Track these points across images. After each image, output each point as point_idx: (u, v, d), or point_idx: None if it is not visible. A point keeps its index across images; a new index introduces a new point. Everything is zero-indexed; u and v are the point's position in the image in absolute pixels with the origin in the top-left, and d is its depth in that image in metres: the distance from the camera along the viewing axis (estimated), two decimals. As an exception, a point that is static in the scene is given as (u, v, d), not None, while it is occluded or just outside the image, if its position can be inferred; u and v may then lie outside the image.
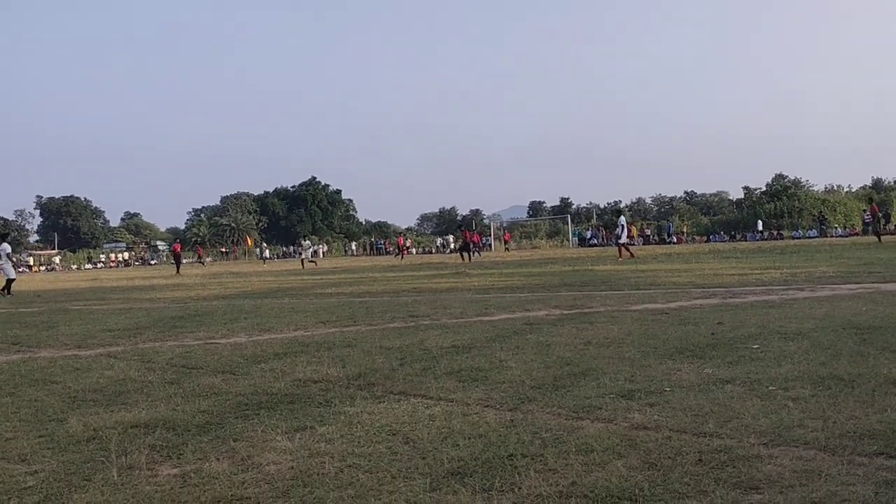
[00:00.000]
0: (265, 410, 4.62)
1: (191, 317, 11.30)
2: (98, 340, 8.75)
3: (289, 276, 27.45)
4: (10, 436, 4.31)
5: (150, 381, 5.85)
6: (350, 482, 3.21)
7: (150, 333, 9.20)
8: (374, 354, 6.56)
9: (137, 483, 3.34)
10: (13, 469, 3.65)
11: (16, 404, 5.21)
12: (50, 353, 7.87)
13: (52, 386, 5.85)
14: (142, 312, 12.72)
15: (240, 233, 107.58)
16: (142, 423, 4.42)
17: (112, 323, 10.89)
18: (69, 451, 3.93)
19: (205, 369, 6.28)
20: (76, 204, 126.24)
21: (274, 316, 10.78)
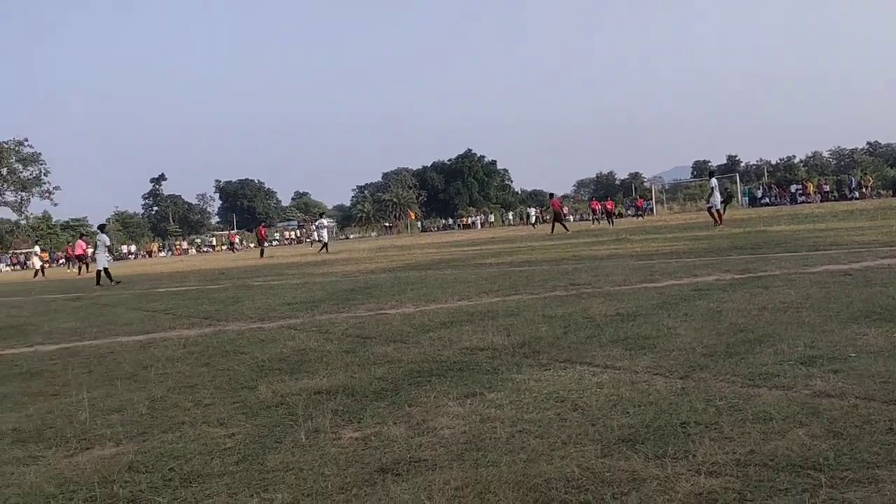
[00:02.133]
0: (436, 377, 4.79)
1: (361, 289, 11.82)
2: (279, 313, 9.37)
3: (450, 247, 28.00)
4: (208, 402, 4.74)
5: (328, 350, 6.22)
6: (521, 447, 3.28)
7: (326, 306, 9.73)
8: (537, 323, 6.61)
9: (323, 445, 3.59)
10: (213, 432, 4.02)
11: (211, 373, 5.70)
12: (237, 326, 8.52)
13: (241, 356, 6.35)
14: (316, 286, 13.46)
15: (401, 207, 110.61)
16: (324, 389, 4.71)
17: (290, 297, 11.60)
18: (260, 415, 4.27)
19: (377, 339, 6.58)
20: (251, 186, 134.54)
21: (438, 287, 11.06)
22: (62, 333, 9.32)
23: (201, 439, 3.87)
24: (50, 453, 3.89)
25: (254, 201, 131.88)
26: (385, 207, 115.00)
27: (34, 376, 6.28)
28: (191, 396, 4.91)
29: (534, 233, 33.71)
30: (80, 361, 6.84)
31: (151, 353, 6.90)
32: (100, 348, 7.64)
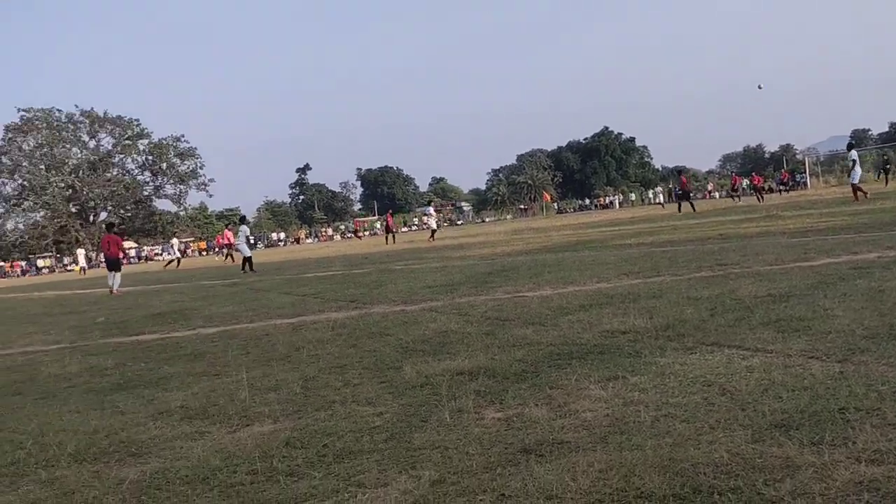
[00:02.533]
0: (576, 360, 4.76)
1: (498, 272, 11.90)
2: (420, 296, 9.60)
3: (587, 229, 27.61)
4: (357, 382, 4.94)
5: (468, 332, 6.32)
6: (667, 431, 3.22)
7: (465, 289, 9.87)
8: (681, 305, 6.42)
9: (467, 425, 3.66)
10: (362, 410, 4.19)
11: (359, 354, 5.93)
12: (381, 308, 8.80)
13: (386, 338, 6.57)
14: (455, 269, 13.67)
15: (536, 189, 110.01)
16: (466, 370, 4.80)
17: (430, 280, 11.85)
18: (406, 395, 4.41)
19: (516, 321, 6.62)
20: (390, 173, 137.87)
21: (576, 269, 10.96)
22: (221, 317, 9.96)
23: (351, 417, 4.05)
24: (214, 429, 4.19)
25: (393, 188, 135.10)
26: (520, 190, 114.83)
27: (198, 357, 6.76)
28: (340, 376, 5.13)
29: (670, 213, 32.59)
30: (239, 343, 7.29)
31: (303, 336, 7.25)
32: (256, 331, 8.12)
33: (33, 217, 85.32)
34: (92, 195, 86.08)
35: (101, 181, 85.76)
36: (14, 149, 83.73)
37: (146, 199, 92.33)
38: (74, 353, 7.93)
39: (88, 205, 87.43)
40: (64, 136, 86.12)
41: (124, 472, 3.55)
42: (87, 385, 5.96)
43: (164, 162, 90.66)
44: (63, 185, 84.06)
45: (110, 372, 6.46)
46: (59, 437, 4.29)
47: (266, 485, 3.17)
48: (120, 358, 7.20)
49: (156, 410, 4.76)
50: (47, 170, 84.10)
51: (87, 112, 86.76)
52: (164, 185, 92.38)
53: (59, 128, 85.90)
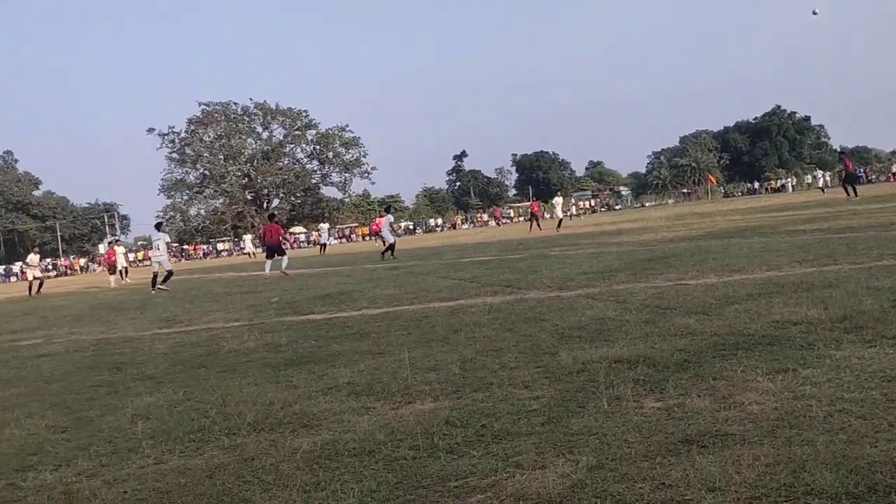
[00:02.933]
0: (742, 351, 4.58)
1: (659, 259, 11.58)
2: (576, 283, 9.53)
3: (756, 213, 26.23)
4: (513, 365, 5.00)
5: (627, 320, 6.22)
6: (841, 427, 3.05)
7: (622, 276, 9.69)
8: (860, 295, 5.99)
9: (625, 413, 3.63)
10: (519, 394, 4.24)
11: (514, 338, 5.99)
12: (537, 294, 8.82)
13: (542, 323, 6.59)
14: (612, 256, 13.44)
15: (701, 172, 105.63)
16: (624, 358, 4.74)
17: (587, 266, 11.73)
18: (562, 380, 4.42)
19: (678, 310, 6.43)
20: (546, 158, 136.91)
21: (744, 256, 10.47)
22: (384, 299, 10.36)
23: (509, 400, 4.12)
24: (379, 405, 4.39)
25: (549, 173, 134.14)
26: (683, 173, 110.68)
27: (363, 337, 7.07)
28: (497, 359, 5.22)
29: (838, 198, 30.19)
30: (400, 324, 7.56)
31: (460, 318, 7.42)
32: (416, 313, 8.38)
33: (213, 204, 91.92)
34: (265, 183, 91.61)
35: (274, 170, 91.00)
36: (196, 140, 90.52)
37: (314, 186, 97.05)
38: (252, 330, 8.53)
39: (262, 192, 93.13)
40: (240, 128, 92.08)
41: (298, 441, 3.81)
42: (264, 360, 6.41)
43: (331, 151, 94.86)
44: (239, 174, 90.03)
45: (284, 348, 6.90)
46: (239, 408, 4.65)
47: (428, 461, 3.30)
48: (292, 335, 7.67)
49: (325, 385, 5.04)
50: (225, 160, 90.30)
51: (260, 105, 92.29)
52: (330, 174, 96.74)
53: (236, 120, 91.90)
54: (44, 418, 5.04)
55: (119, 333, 9.91)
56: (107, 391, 5.83)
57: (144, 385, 5.87)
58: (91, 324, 11.83)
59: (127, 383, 6.04)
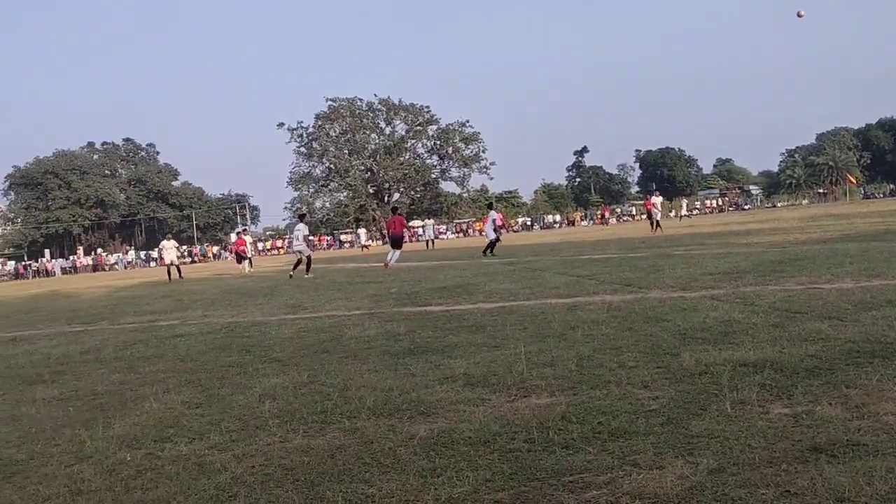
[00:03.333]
0: (879, 359, 4.33)
1: (790, 261, 11.05)
2: (700, 283, 9.24)
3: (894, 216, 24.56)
4: (632, 364, 4.92)
5: (754, 323, 5.98)
6: None
7: (750, 277, 9.32)
8: None
9: (749, 417, 3.51)
10: (638, 393, 4.18)
11: (634, 338, 5.89)
12: (658, 293, 8.62)
13: (663, 323, 6.43)
14: (740, 257, 12.93)
15: (838, 171, 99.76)
16: (749, 362, 4.57)
17: (712, 267, 11.34)
18: (683, 382, 4.31)
19: (809, 314, 6.14)
20: (671, 154, 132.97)
21: (884, 260, 9.85)
22: (500, 293, 10.39)
23: (626, 399, 4.06)
24: (494, 397, 4.43)
25: (674, 170, 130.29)
26: (818, 172, 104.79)
27: (479, 329, 7.13)
28: (616, 358, 5.15)
29: None
30: (516, 319, 7.57)
31: (578, 315, 7.35)
32: (532, 308, 8.36)
33: (338, 197, 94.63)
34: (387, 177, 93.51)
35: (395, 164, 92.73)
36: (323, 135, 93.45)
37: (433, 181, 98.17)
38: (372, 318, 8.77)
39: (384, 186, 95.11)
40: (364, 124, 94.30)
41: (415, 428, 3.90)
42: (383, 348, 6.58)
43: (451, 146, 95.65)
44: (363, 168, 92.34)
45: (402, 337, 7.06)
46: (359, 392, 4.80)
47: (542, 454, 3.31)
48: (410, 326, 7.83)
49: (442, 375, 5.13)
50: (350, 154, 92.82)
51: (384, 101, 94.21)
52: (449, 169, 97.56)
53: (360, 115, 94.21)
54: (180, 394, 5.38)
55: (248, 318, 10.41)
56: (237, 371, 6.15)
57: (271, 367, 6.16)
58: (223, 308, 12.47)
59: (255, 365, 6.36)
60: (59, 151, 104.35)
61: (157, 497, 3.28)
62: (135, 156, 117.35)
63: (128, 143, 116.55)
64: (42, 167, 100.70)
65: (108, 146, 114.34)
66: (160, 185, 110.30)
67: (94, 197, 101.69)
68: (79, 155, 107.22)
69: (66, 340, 9.68)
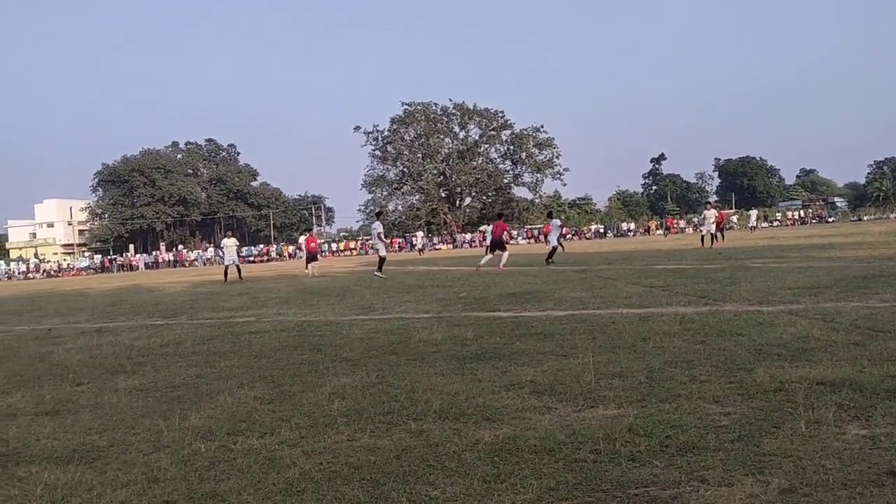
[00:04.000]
0: (969, 384, 4.13)
1: (875, 277, 10.63)
2: (778, 297, 8.98)
3: None
4: (704, 378, 4.82)
5: (833, 340, 5.79)
6: None
7: (832, 293, 9.00)
8: None
9: (825, 437, 3.40)
10: (709, 408, 4.09)
11: (707, 351, 5.76)
12: (733, 307, 8.41)
13: (737, 337, 6.28)
14: (821, 271, 12.50)
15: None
16: (827, 380, 4.43)
17: (791, 281, 11.00)
18: (757, 398, 4.21)
19: (892, 333, 5.90)
20: (752, 164, 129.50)
21: (977, 279, 9.37)
22: (570, 301, 10.31)
23: (696, 413, 3.99)
24: (561, 406, 4.40)
25: (754, 180, 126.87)
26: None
27: (547, 337, 7.10)
28: (687, 371, 5.05)
29: None
30: (586, 328, 7.51)
31: (649, 327, 7.23)
32: (602, 318, 8.27)
33: (410, 200, 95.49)
34: (459, 182, 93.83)
35: (468, 169, 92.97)
36: (398, 139, 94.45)
37: (506, 186, 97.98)
38: (440, 322, 8.82)
39: (456, 190, 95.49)
40: (438, 128, 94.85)
41: (480, 433, 3.92)
42: (450, 352, 6.61)
43: (524, 151, 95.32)
44: (435, 172, 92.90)
45: (469, 342, 7.08)
46: (426, 395, 4.85)
47: (608, 465, 3.28)
48: (478, 331, 7.85)
49: (508, 382, 5.13)
50: (423, 158, 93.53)
51: (459, 105, 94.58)
52: (522, 174, 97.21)
53: (435, 120, 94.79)
54: (252, 389, 5.53)
55: (321, 317, 10.60)
56: (308, 369, 6.28)
57: (341, 366, 6.27)
58: (296, 307, 12.74)
59: (326, 363, 6.48)
60: (145, 150, 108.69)
61: (228, 488, 3.39)
62: (216, 156, 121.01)
63: (210, 143, 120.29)
64: (129, 165, 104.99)
65: (191, 146, 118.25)
66: (239, 185, 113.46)
67: (176, 195, 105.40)
68: (163, 154, 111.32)
69: (147, 333, 10.05)
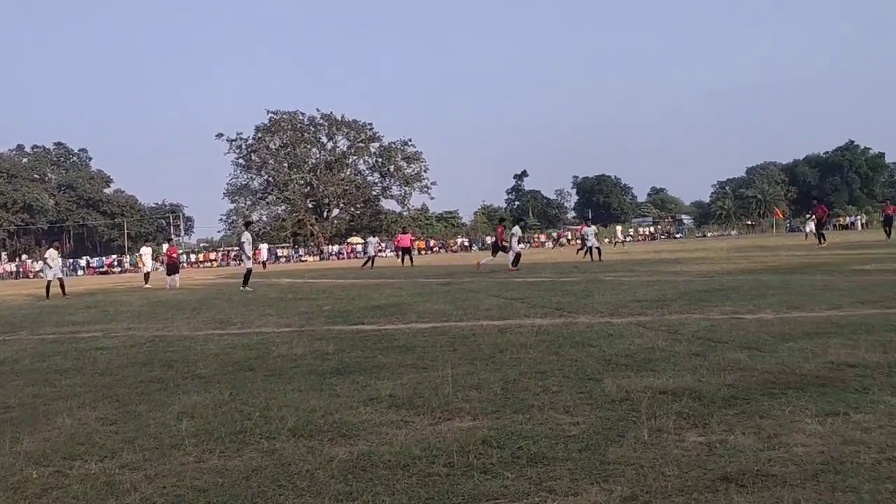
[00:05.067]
0: (793, 390, 4.46)
1: (716, 291, 11.35)
2: (628, 309, 9.41)
3: (822, 250, 25.49)
4: (556, 389, 4.96)
5: (676, 351, 6.11)
6: (889, 476, 2.95)
7: (676, 305, 9.53)
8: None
9: (665, 445, 3.57)
10: (560, 418, 4.21)
11: (560, 362, 5.94)
12: (587, 318, 8.73)
13: (589, 348, 6.52)
14: (668, 285, 13.22)
15: (766, 205, 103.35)
16: (669, 390, 4.66)
17: (640, 294, 11.56)
18: (604, 408, 4.37)
19: (730, 344, 6.30)
20: (607, 182, 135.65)
21: (804, 293, 10.19)
22: (433, 314, 10.38)
23: (548, 423, 4.08)
24: (418, 419, 4.40)
25: (610, 197, 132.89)
26: (747, 204, 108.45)
27: (408, 350, 7.10)
28: (540, 382, 5.18)
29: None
30: (447, 340, 7.57)
31: (507, 338, 7.38)
32: (463, 330, 8.38)
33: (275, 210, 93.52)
34: (326, 193, 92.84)
35: (336, 180, 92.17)
36: (262, 147, 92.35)
37: (374, 198, 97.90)
38: (301, 336, 8.64)
39: (323, 201, 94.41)
40: (305, 138, 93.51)
41: (335, 450, 3.84)
42: (310, 367, 6.48)
43: (392, 164, 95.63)
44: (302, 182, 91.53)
45: (330, 357, 6.97)
46: (281, 412, 4.72)
47: (461, 479, 3.29)
48: (340, 344, 7.75)
49: (367, 396, 5.08)
50: (289, 168, 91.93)
51: (326, 115, 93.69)
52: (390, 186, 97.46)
53: (302, 129, 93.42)
54: (95, 409, 5.20)
55: (174, 332, 10.15)
56: (157, 387, 5.98)
57: (193, 384, 6.00)
58: (148, 321, 12.14)
59: (177, 381, 6.19)
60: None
61: (59, 518, 3.15)
62: (66, 160, 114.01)
63: (59, 147, 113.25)
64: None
65: (38, 150, 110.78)
66: (91, 192, 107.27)
67: (21, 201, 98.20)
68: (6, 157, 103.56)
69: (-22, 350, 9.26)
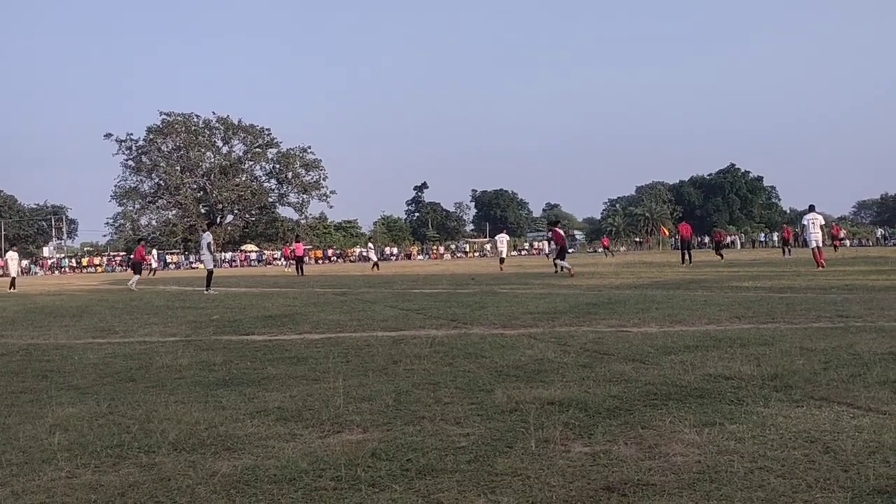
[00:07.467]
0: (674, 402, 4.62)
1: (604, 304, 11.70)
2: (521, 321, 9.57)
3: (703, 267, 26.73)
4: (447, 400, 4.97)
5: (565, 362, 6.24)
6: (760, 484, 3.08)
7: (567, 318, 9.76)
8: (793, 355, 6.12)
9: (552, 455, 3.62)
10: (450, 430, 4.21)
11: (453, 373, 5.96)
12: (481, 330, 8.82)
13: (482, 360, 6.58)
14: (559, 298, 13.53)
15: (654, 222, 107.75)
16: (557, 400, 4.75)
17: (532, 306, 11.79)
18: (495, 419, 4.40)
19: (616, 356, 6.49)
20: (505, 196, 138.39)
21: (686, 308, 10.64)
22: (327, 324, 10.25)
23: (438, 435, 4.08)
24: (306, 432, 4.31)
25: (507, 211, 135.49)
26: (636, 222, 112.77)
27: (300, 361, 6.97)
28: (433, 394, 5.18)
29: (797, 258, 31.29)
30: (340, 351, 7.48)
31: (402, 350, 7.36)
32: (358, 340, 8.30)
33: (166, 215, 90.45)
34: (220, 198, 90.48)
35: (230, 185, 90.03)
36: (154, 149, 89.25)
37: (270, 205, 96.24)
38: (188, 346, 8.35)
39: (217, 207, 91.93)
40: (200, 141, 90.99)
41: (218, 464, 3.71)
42: (195, 378, 6.26)
43: (290, 171, 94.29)
44: (195, 187, 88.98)
45: (218, 368, 6.75)
46: (162, 425, 4.52)
47: (348, 492, 3.24)
48: (228, 355, 7.52)
49: (254, 409, 4.94)
50: (182, 171, 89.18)
51: (222, 119, 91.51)
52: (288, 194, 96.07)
53: (196, 132, 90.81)
54: (-44, 423, 4.83)
55: (51, 340, 9.61)
56: (28, 398, 5.63)
57: (69, 395, 5.69)
58: (23, 328, 11.47)
59: (51, 392, 5.85)
60: None
61: None
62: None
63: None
64: None
65: None
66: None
67: None
68: None
69: None
